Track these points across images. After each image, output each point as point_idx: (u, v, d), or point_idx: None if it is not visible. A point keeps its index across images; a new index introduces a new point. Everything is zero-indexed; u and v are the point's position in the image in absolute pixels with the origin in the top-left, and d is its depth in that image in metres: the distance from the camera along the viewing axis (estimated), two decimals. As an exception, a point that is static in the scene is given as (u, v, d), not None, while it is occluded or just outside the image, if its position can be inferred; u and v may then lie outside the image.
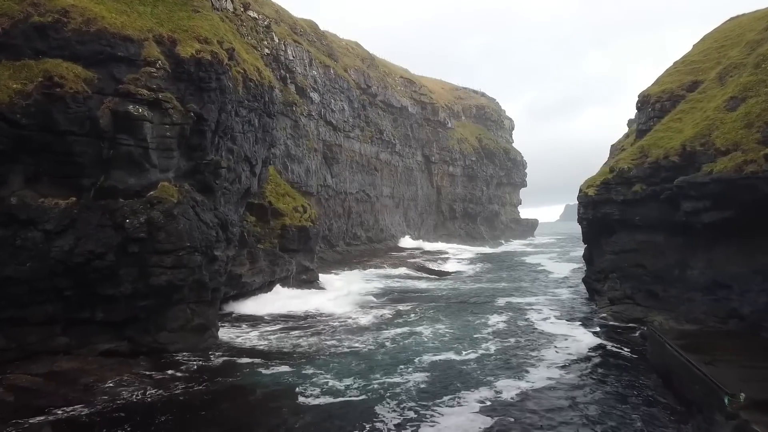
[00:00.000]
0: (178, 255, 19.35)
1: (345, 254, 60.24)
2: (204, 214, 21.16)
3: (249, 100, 27.90)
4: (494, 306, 30.62)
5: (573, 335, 22.25)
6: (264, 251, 32.58)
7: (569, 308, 29.49)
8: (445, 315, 27.88)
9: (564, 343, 21.12)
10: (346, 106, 63.61)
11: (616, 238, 28.26)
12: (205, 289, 21.56)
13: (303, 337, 22.99)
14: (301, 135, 51.30)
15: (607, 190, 27.86)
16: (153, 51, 19.94)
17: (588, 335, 22.09)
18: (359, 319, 26.52)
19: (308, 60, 55.34)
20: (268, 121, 31.50)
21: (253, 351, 21.09)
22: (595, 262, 33.21)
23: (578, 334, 22.56)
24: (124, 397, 15.54)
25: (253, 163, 29.33)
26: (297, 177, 49.32)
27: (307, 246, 37.36)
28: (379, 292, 35.41)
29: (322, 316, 27.25)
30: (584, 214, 29.86)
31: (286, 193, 38.09)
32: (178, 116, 20.23)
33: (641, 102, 33.27)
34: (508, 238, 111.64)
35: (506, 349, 20.65)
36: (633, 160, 27.31)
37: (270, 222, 35.06)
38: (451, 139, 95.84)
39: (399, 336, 22.98)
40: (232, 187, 26.15)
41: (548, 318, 26.68)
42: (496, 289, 37.53)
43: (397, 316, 27.40)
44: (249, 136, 28.18)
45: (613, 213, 27.72)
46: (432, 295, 34.35)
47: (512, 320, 26.17)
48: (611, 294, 26.47)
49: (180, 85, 20.88)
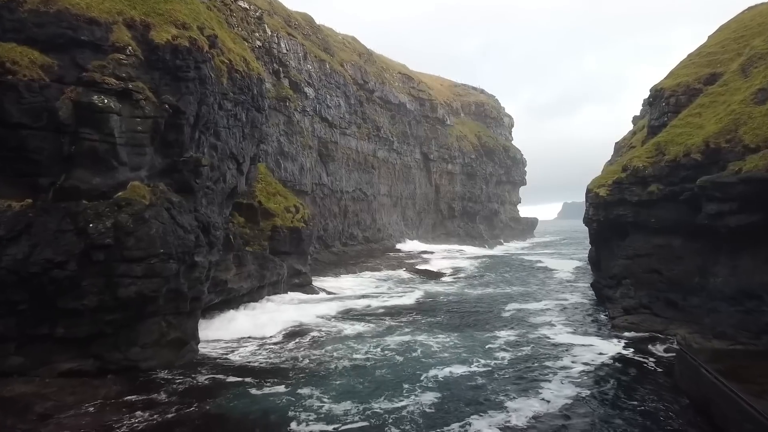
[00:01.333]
0: (150, 263, 17.35)
1: (341, 255, 58.24)
2: (181, 217, 19.16)
3: (235, 92, 25.89)
4: (500, 313, 28.65)
5: (588, 348, 20.31)
6: (253, 254, 30.57)
7: (580, 316, 27.53)
8: (449, 323, 25.90)
9: (579, 357, 19.21)
10: (342, 102, 61.55)
11: (629, 242, 26.36)
12: (183, 299, 19.60)
13: (297, 350, 21.00)
14: (294, 131, 49.25)
15: (620, 190, 25.95)
16: (123, 36, 17.91)
17: (604, 349, 20.14)
18: (358, 329, 24.44)
19: (302, 54, 53.29)
20: (256, 115, 29.49)
21: (242, 368, 19.04)
22: (604, 267, 31.30)
23: (594, 347, 20.62)
24: (84, 427, 13.59)
25: (240, 160, 27.33)
26: (290, 175, 47.28)
27: (299, 248, 35.36)
28: (378, 298, 33.37)
29: (317, 327, 25.19)
30: (595, 216, 27.94)
31: (277, 192, 36.08)
32: (151, 108, 18.21)
33: (653, 96, 31.35)
34: (508, 237, 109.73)
35: (517, 362, 18.74)
36: (648, 158, 25.40)
37: (260, 223, 33.05)
38: (450, 136, 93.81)
39: (402, 347, 21.01)
40: (216, 186, 24.14)
41: (559, 327, 24.75)
42: (501, 294, 35.51)
43: (399, 325, 25.37)
44: (235, 131, 26.16)
45: (627, 215, 25.83)
46: (434, 301, 32.24)
47: (521, 329, 24.24)
48: (625, 302, 24.55)
49: (154, 74, 18.87)
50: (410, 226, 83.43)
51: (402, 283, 41.55)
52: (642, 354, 19.34)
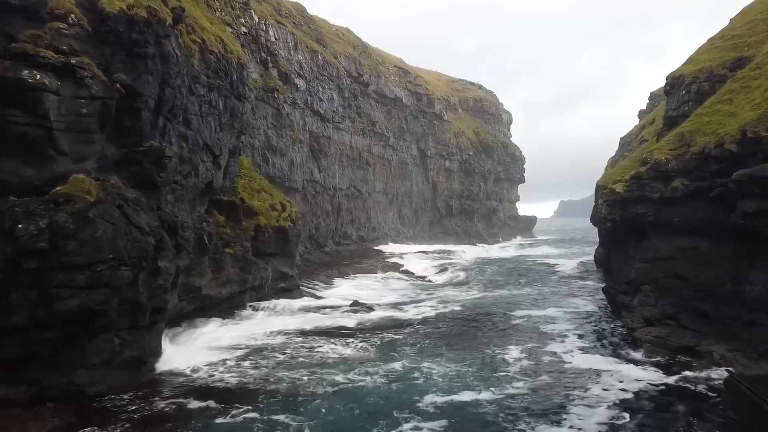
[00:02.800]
0: (96, 270, 14.61)
1: (334, 255, 55.55)
2: (137, 216, 16.41)
3: (210, 76, 23.17)
4: (506, 324, 25.85)
5: (610, 368, 17.65)
6: (233, 257, 27.82)
7: (594, 326, 24.85)
8: (451, 337, 23.05)
9: (604, 378, 16.56)
10: (336, 95, 58.76)
11: (648, 244, 23.72)
12: (140, 312, 16.92)
13: (274, 370, 18.18)
14: (284, 125, 46.46)
15: (640, 186, 23.29)
16: (65, 1, 15.13)
17: (630, 369, 17.47)
18: (347, 344, 21.57)
19: (293, 43, 50.48)
20: (236, 104, 26.78)
21: (209, 390, 16.34)
22: (617, 270, 28.67)
23: (616, 366, 17.97)
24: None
25: (217, 152, 24.62)
26: (279, 171, 44.52)
27: (286, 249, 32.64)
28: (368, 306, 30.61)
29: (298, 341, 22.36)
30: (610, 215, 25.26)
31: (262, 188, 33.32)
32: (99, 88, 15.45)
33: (670, 85, 28.70)
34: (507, 235, 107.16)
35: (532, 388, 16.03)
36: (671, 150, 22.76)
37: (242, 222, 30.27)
38: (448, 132, 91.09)
39: (398, 368, 18.18)
40: (187, 181, 21.42)
41: (573, 340, 22.12)
42: (505, 300, 32.61)
43: (392, 340, 22.50)
44: (210, 120, 23.45)
45: (647, 213, 23.18)
46: (434, 311, 28.88)
47: (531, 344, 21.55)
48: (646, 312, 21.91)
49: (104, 48, 16.12)
50: (407, 224, 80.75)
51: (396, 290, 38.66)
52: (675, 377, 16.54)
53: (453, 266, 52.16)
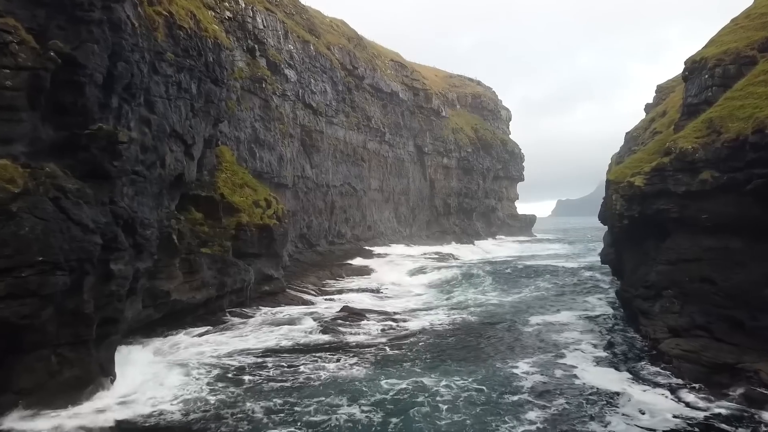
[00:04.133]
0: (20, 276, 12.04)
1: (327, 255, 53.01)
2: (79, 211, 13.83)
3: (179, 54, 20.57)
4: (515, 331, 23.22)
5: (635, 390, 15.12)
6: (210, 258, 25.27)
7: (611, 334, 22.23)
8: (456, 349, 20.32)
9: (627, 406, 14.02)
10: (329, 88, 56.15)
11: (671, 243, 21.22)
12: (85, 323, 14.33)
13: (245, 396, 15.38)
14: (273, 117, 43.84)
15: (662, 178, 20.78)
16: (-15, -49, 12.55)
17: (659, 393, 14.93)
18: (338, 359, 18.73)
19: (283, 32, 47.87)
20: (213, 88, 24.19)
21: (164, 425, 13.64)
22: (631, 272, 26.17)
23: (641, 388, 15.47)
24: None
25: (189, 141, 22.04)
26: (267, 166, 41.91)
27: (270, 249, 30.06)
28: (361, 311, 28.02)
29: (281, 357, 19.54)
30: (627, 211, 22.74)
31: (245, 183, 30.74)
32: (28, 56, 12.87)
33: (689, 70, 26.20)
34: (506, 234, 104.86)
35: (549, 414, 13.52)
36: (698, 138, 20.24)
37: (222, 220, 27.72)
38: (446, 128, 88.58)
39: (398, 390, 15.35)
40: (150, 172, 18.83)
41: (590, 352, 19.62)
42: (512, 304, 29.93)
43: (392, 354, 19.63)
44: (180, 104, 20.85)
45: (670, 209, 20.65)
46: (434, 323, 25.49)
47: (544, 356, 19.00)
48: (670, 319, 19.41)
49: (37, 11, 13.54)
50: (403, 223, 78.24)
51: (392, 295, 35.97)
52: (718, 406, 13.98)
53: (454, 270, 49.58)
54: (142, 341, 19.63)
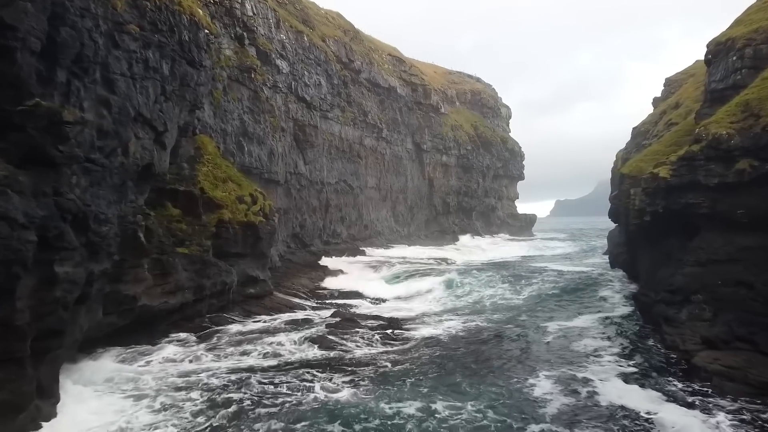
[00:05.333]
0: None
1: (321, 255, 50.67)
2: (5, 202, 11.45)
3: (145, 28, 18.16)
4: (529, 337, 20.90)
5: (675, 416, 12.79)
6: (187, 258, 22.89)
7: (633, 346, 19.74)
8: (464, 368, 17.43)
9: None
10: (324, 81, 53.75)
11: (701, 242, 18.93)
12: (18, 337, 11.98)
13: (229, 424, 13.02)
14: (263, 110, 41.43)
15: (691, 169, 18.49)
16: None
17: (699, 422, 12.57)
18: (331, 378, 16.24)
19: (274, 20, 45.49)
20: (189, 71, 21.80)
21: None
22: (650, 274, 23.89)
23: (678, 411, 13.13)
24: None
25: (159, 128, 19.64)
26: (256, 161, 39.51)
27: (256, 249, 27.68)
28: (353, 318, 25.62)
29: (264, 374, 16.89)
30: (649, 206, 20.42)
31: (229, 177, 28.35)
32: (-62, 12, 10.49)
33: (713, 52, 23.92)
34: (506, 234, 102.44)
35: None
36: (733, 123, 17.95)
37: (201, 216, 25.34)
38: (445, 125, 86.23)
39: (405, 421, 12.94)
40: (111, 161, 16.42)
41: (612, 366, 17.31)
42: (521, 313, 27.03)
43: (393, 371, 17.12)
44: (147, 85, 18.45)
45: (700, 204, 18.39)
46: (438, 331, 22.93)
47: (564, 370, 16.71)
48: (703, 330, 17.09)
49: (-46, -42, 11.16)
50: (401, 222, 75.89)
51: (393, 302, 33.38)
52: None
53: (453, 273, 47.20)
54: (101, 353, 17.24)
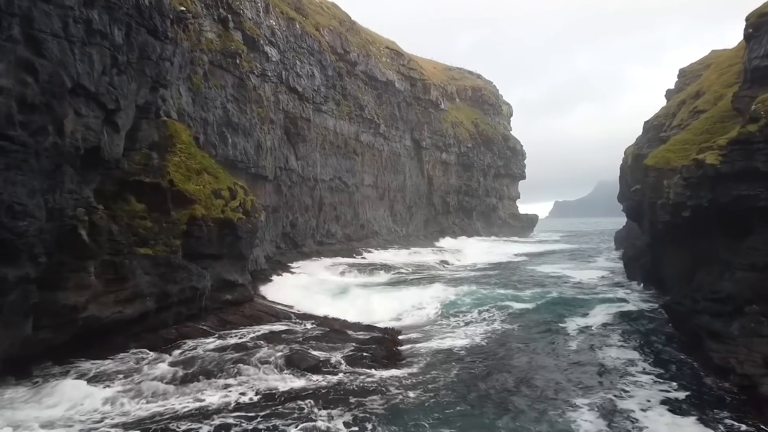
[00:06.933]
0: None
1: (314, 256, 47.62)
2: None
3: (88, -16, 15.01)
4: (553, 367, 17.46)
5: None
6: (149, 260, 19.73)
7: (676, 369, 16.45)
8: (485, 396, 14.35)
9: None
10: (317, 72, 50.64)
11: (757, 242, 15.81)
12: None
13: None
14: (249, 99, 38.27)
15: (747, 153, 15.38)
16: None
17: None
18: (320, 416, 13.01)
19: (263, 5, 42.38)
20: (151, 41, 18.70)
21: None
22: (683, 280, 20.76)
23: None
24: None
25: (110, 105, 16.50)
26: (242, 154, 36.37)
27: (234, 250, 24.50)
28: (344, 331, 22.43)
29: (238, 423, 13.10)
30: (691, 199, 17.29)
31: (204, 169, 25.18)
32: None
33: (755, 25, 20.89)
34: (507, 234, 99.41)
35: None
36: (799, 97, 14.87)
37: (171, 212, 22.18)
38: (445, 122, 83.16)
39: None
40: (37, 140, 13.31)
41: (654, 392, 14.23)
42: (539, 323, 23.52)
43: (403, 406, 13.64)
44: (91, 51, 15.30)
45: (758, 196, 15.27)
46: (444, 345, 19.90)
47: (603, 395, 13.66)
48: (765, 347, 13.98)
49: None
50: (399, 222, 72.74)
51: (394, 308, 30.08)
52: None
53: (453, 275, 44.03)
54: (17, 382, 13.94)
